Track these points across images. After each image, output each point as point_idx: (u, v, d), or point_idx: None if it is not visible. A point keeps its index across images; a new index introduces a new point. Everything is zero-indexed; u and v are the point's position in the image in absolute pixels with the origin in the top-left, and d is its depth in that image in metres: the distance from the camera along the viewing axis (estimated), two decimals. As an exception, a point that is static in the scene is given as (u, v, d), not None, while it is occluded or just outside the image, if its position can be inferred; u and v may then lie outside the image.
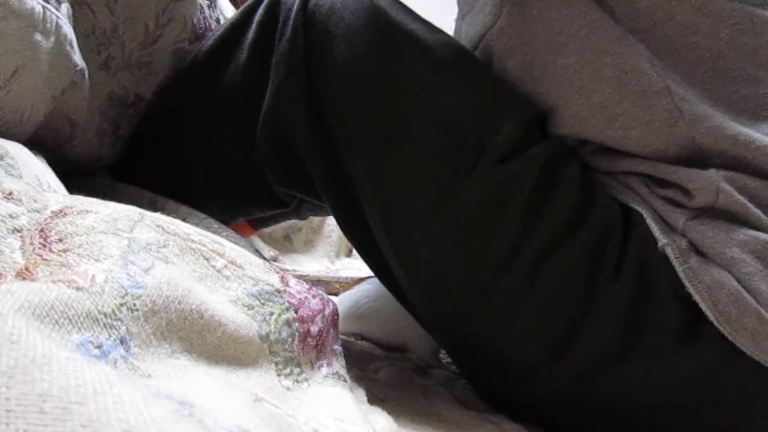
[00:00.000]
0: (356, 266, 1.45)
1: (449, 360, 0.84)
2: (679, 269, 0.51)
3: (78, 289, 0.27)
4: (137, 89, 0.74)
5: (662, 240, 0.53)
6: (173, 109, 0.77)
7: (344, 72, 0.64)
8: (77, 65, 0.58)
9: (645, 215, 0.54)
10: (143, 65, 0.73)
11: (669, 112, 0.53)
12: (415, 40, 0.63)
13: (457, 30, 0.75)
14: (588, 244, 0.54)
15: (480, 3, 0.68)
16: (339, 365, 0.47)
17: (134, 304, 0.29)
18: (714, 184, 0.51)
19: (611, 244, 0.54)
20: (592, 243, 0.54)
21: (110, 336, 0.26)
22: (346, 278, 1.21)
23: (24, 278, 0.28)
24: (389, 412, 0.48)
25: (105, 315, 0.27)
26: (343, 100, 0.64)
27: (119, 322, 0.27)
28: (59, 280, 0.27)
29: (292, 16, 0.68)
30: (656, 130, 0.54)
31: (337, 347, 0.50)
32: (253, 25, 0.73)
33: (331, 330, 0.50)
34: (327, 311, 0.50)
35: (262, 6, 0.73)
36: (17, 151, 0.46)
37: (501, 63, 0.65)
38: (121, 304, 0.28)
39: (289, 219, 1.03)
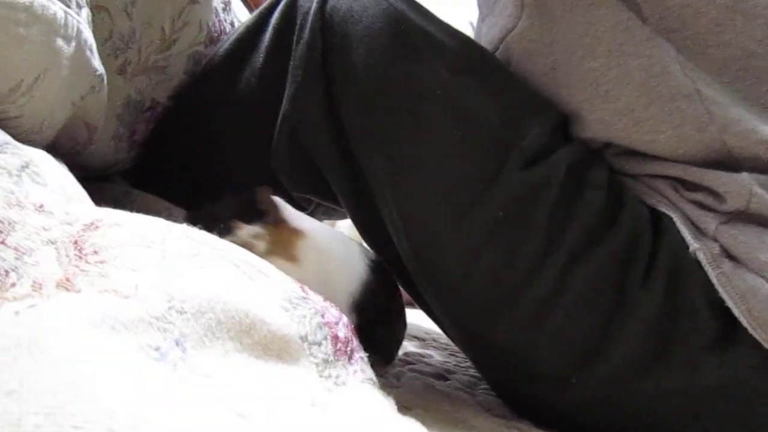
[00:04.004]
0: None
1: (468, 363, 0.84)
2: (712, 275, 0.50)
3: (125, 297, 0.26)
4: (153, 94, 0.73)
5: (694, 245, 0.52)
6: (188, 113, 0.77)
7: (364, 75, 0.63)
8: (97, 70, 0.57)
9: (675, 219, 0.53)
10: (159, 69, 0.72)
11: (699, 116, 0.52)
12: (436, 42, 0.62)
13: (476, 32, 0.74)
14: (617, 250, 0.53)
15: (500, 5, 0.67)
16: (371, 372, 0.47)
17: (182, 307, 0.28)
18: (746, 188, 0.50)
19: (641, 249, 0.53)
20: (621, 248, 0.53)
21: (166, 339, 0.26)
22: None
23: (66, 288, 0.27)
24: (418, 421, 0.47)
25: (157, 318, 0.26)
26: (362, 104, 0.63)
27: (171, 325, 0.27)
28: (104, 290, 0.26)
29: (310, 19, 0.67)
30: (686, 134, 0.53)
31: (364, 355, 0.49)
32: (269, 29, 0.72)
33: (354, 337, 0.49)
34: (344, 319, 0.50)
35: (278, 9, 0.72)
36: (41, 158, 0.45)
37: (521, 66, 0.65)
38: (170, 308, 0.27)
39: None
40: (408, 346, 0.88)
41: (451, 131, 0.59)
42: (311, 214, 0.90)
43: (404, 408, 0.53)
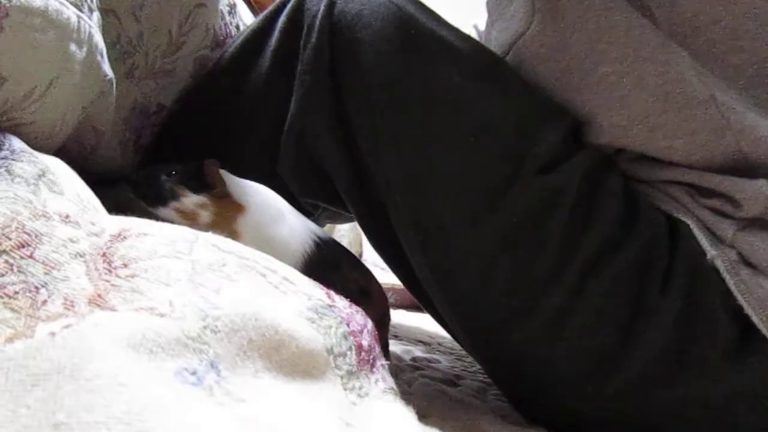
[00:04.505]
0: (366, 272, 1.44)
1: (475, 368, 0.83)
2: (730, 282, 0.50)
3: (161, 315, 0.26)
4: (159, 98, 0.72)
5: (711, 252, 0.52)
6: (194, 117, 0.76)
7: (373, 80, 0.62)
8: (106, 75, 0.57)
9: (691, 226, 0.53)
10: (166, 73, 0.71)
11: (715, 122, 0.52)
12: (447, 46, 0.62)
13: (486, 37, 0.74)
14: (634, 257, 0.53)
15: (511, 9, 0.67)
16: (391, 379, 0.46)
17: (216, 326, 0.28)
18: (764, 194, 0.50)
19: (658, 256, 0.53)
20: (638, 256, 0.53)
21: (201, 361, 0.25)
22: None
23: (99, 305, 0.27)
24: (438, 429, 0.47)
25: (192, 339, 0.26)
26: (372, 109, 0.63)
27: (206, 346, 0.26)
28: (141, 308, 0.26)
29: (317, 23, 0.66)
30: (702, 141, 0.53)
31: (385, 362, 0.49)
32: (276, 32, 0.72)
33: (376, 345, 0.49)
34: (369, 326, 0.49)
35: (285, 12, 0.72)
36: (57, 166, 0.45)
37: (532, 70, 0.64)
38: (204, 327, 0.27)
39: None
40: (414, 351, 0.87)
41: (463, 137, 0.59)
42: (317, 219, 0.89)
43: (421, 416, 0.53)
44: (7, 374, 0.21)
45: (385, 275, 1.48)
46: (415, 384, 0.66)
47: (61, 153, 0.57)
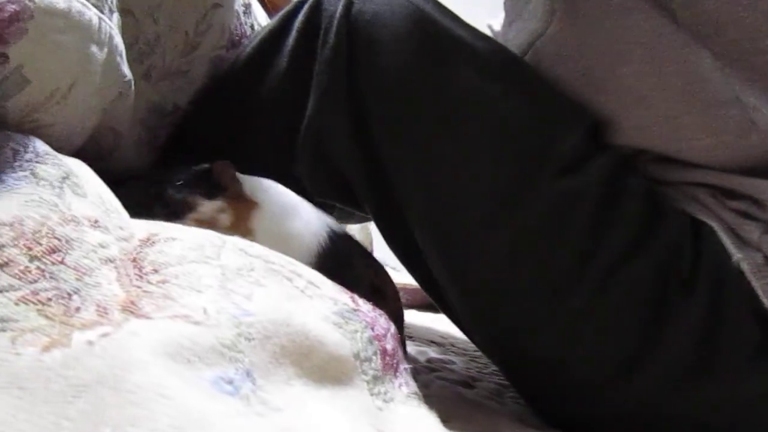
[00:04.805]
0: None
1: (490, 370, 0.83)
2: (756, 285, 0.49)
3: (196, 323, 0.25)
4: (175, 98, 0.72)
5: (737, 255, 0.51)
6: (210, 117, 0.76)
7: (391, 80, 0.62)
8: (125, 76, 0.56)
9: (716, 228, 0.53)
10: (182, 74, 0.71)
11: (740, 123, 0.52)
12: (465, 46, 0.61)
13: (503, 36, 0.73)
14: (657, 260, 0.52)
15: (529, 9, 0.66)
16: (414, 383, 0.46)
17: (249, 333, 0.27)
18: None
19: (682, 258, 0.52)
20: (661, 258, 0.52)
21: (237, 370, 0.25)
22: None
23: (132, 312, 0.26)
24: (461, 434, 0.47)
25: (227, 348, 0.25)
26: (390, 109, 0.62)
27: (241, 354, 0.26)
28: (175, 316, 0.25)
29: (335, 23, 0.66)
30: (727, 142, 0.53)
31: (408, 366, 0.48)
32: (293, 32, 0.71)
33: (399, 348, 0.49)
34: (392, 329, 0.49)
35: (302, 12, 0.71)
36: (79, 168, 0.44)
37: (551, 71, 0.64)
38: (238, 334, 0.27)
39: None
40: (429, 352, 0.87)
41: (482, 138, 0.58)
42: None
43: (442, 420, 0.52)
44: (46, 384, 0.21)
45: (396, 275, 1.48)
46: (432, 386, 0.66)
47: (79, 154, 0.57)
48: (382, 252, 1.72)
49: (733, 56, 0.54)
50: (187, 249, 0.33)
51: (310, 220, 0.64)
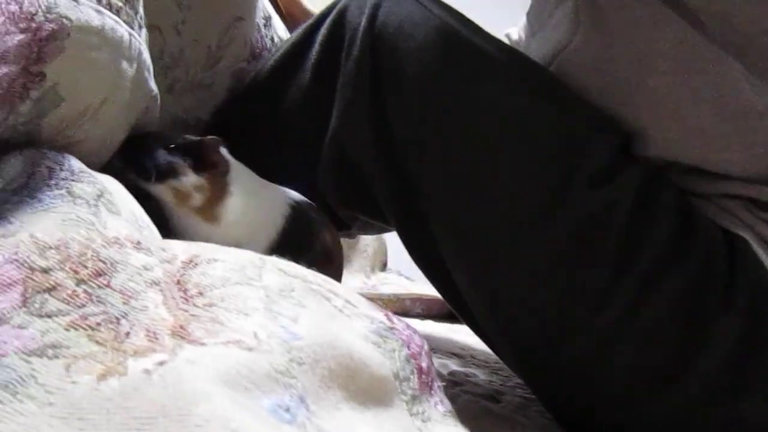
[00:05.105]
0: (392, 281, 1.43)
1: (513, 382, 0.82)
2: (794, 298, 0.49)
3: (249, 349, 0.25)
4: (198, 111, 0.72)
5: (773, 268, 0.50)
6: (232, 130, 0.76)
7: (417, 93, 0.61)
8: (152, 91, 0.56)
9: (750, 241, 0.52)
10: (205, 87, 0.71)
11: None
12: (491, 58, 0.61)
13: (525, 47, 0.73)
14: (692, 273, 0.51)
15: (554, 20, 0.66)
16: (448, 402, 0.45)
17: (300, 357, 0.27)
18: None
19: (717, 272, 0.51)
20: (696, 272, 0.52)
21: (291, 396, 0.25)
22: (389, 295, 1.19)
23: (182, 337, 0.26)
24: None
25: (281, 373, 0.25)
26: (415, 122, 0.62)
27: (294, 380, 0.26)
28: (228, 342, 0.25)
29: (359, 35, 0.66)
30: (760, 153, 0.52)
31: (441, 383, 0.48)
32: (316, 45, 0.71)
33: (432, 366, 0.48)
34: (426, 347, 0.48)
35: (325, 26, 0.71)
36: (112, 185, 0.44)
37: (576, 83, 0.63)
38: (290, 359, 0.26)
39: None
40: (450, 365, 0.86)
41: (510, 151, 0.58)
42: (353, 230, 0.89)
43: (474, 437, 0.52)
44: (108, 416, 0.21)
45: (411, 285, 1.47)
46: (459, 401, 0.65)
47: (104, 169, 0.57)
48: (397, 262, 1.72)
49: (763, 66, 0.53)
50: (230, 270, 0.32)
51: (273, 203, 0.67)
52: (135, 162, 0.58)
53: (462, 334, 1.11)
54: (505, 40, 0.94)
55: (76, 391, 0.22)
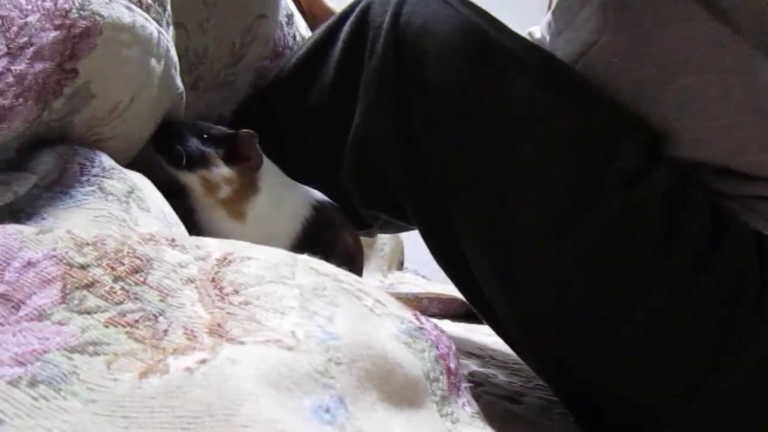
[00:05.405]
0: (409, 279, 1.43)
1: (533, 384, 0.82)
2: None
3: (289, 349, 0.25)
4: (220, 109, 0.73)
5: (805, 271, 0.49)
6: (255, 127, 0.76)
7: (441, 92, 0.61)
8: (179, 88, 0.56)
9: (781, 243, 0.51)
10: (228, 84, 0.71)
11: None
12: (518, 58, 0.60)
13: (550, 47, 0.72)
14: (723, 276, 0.51)
15: (580, 18, 0.65)
16: (475, 403, 0.45)
17: (338, 357, 0.27)
18: None
19: (749, 275, 0.50)
20: (727, 276, 0.51)
21: (331, 397, 0.24)
22: (406, 294, 1.19)
23: (220, 335, 0.26)
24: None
25: (321, 374, 0.25)
26: (439, 121, 0.61)
27: (333, 380, 0.25)
28: (268, 341, 0.25)
29: (383, 34, 0.65)
30: None
31: (466, 384, 0.47)
32: (339, 43, 0.71)
33: (459, 367, 0.48)
34: (453, 347, 0.48)
35: (348, 23, 0.71)
36: (142, 182, 0.44)
37: (604, 82, 0.62)
38: (329, 359, 0.26)
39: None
40: (470, 365, 0.86)
41: (538, 149, 0.57)
42: (375, 229, 0.88)
43: (499, 440, 0.51)
44: (152, 415, 0.20)
45: (428, 284, 1.47)
46: (480, 401, 0.65)
47: (130, 165, 0.57)
48: (414, 261, 1.71)
49: None
50: (263, 269, 0.32)
51: (296, 203, 0.67)
52: (166, 148, 0.57)
53: (480, 335, 1.11)
54: (528, 38, 0.93)
55: (117, 389, 0.22)
